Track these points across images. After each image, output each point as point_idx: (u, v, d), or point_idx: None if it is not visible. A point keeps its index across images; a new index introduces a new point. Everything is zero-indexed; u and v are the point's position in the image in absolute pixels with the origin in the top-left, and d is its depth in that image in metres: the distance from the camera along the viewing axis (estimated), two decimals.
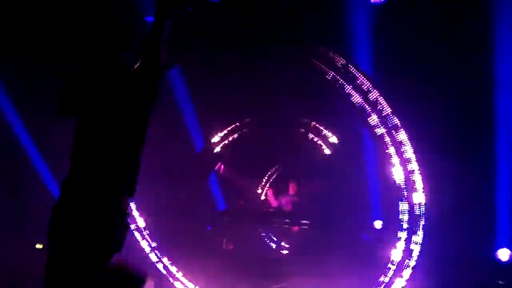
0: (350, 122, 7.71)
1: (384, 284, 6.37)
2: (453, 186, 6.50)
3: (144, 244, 7.51)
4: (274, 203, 9.39)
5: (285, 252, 8.39)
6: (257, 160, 10.27)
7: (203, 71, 7.85)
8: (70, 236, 2.68)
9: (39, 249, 7.53)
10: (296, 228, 8.74)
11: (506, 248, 6.32)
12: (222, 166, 10.32)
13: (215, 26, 6.70)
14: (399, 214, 6.37)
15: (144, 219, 7.47)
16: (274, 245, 9.54)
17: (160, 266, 7.51)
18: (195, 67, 7.75)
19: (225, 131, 9.83)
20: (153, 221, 7.61)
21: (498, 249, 6.36)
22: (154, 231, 7.59)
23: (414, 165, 6.26)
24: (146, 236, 7.53)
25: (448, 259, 6.50)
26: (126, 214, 2.86)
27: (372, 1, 6.51)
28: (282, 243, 9.23)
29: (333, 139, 9.60)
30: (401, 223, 6.34)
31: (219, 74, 7.87)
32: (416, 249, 6.21)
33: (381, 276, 6.42)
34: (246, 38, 6.86)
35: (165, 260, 7.50)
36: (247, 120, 9.62)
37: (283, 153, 10.05)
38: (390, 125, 6.36)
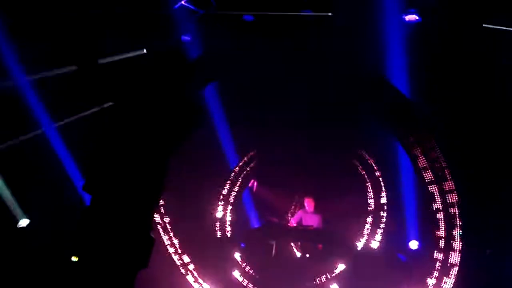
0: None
1: None
2: None
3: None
4: (295, 220, 9.18)
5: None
6: (290, 178, 10.21)
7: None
8: (96, 250, 2.70)
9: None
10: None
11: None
12: (256, 184, 10.30)
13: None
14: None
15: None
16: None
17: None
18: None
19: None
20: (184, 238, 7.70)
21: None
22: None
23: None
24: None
25: None
26: (150, 229, 2.84)
27: (407, 20, 6.48)
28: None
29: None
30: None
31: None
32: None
33: None
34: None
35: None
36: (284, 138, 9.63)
37: (316, 171, 9.95)
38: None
